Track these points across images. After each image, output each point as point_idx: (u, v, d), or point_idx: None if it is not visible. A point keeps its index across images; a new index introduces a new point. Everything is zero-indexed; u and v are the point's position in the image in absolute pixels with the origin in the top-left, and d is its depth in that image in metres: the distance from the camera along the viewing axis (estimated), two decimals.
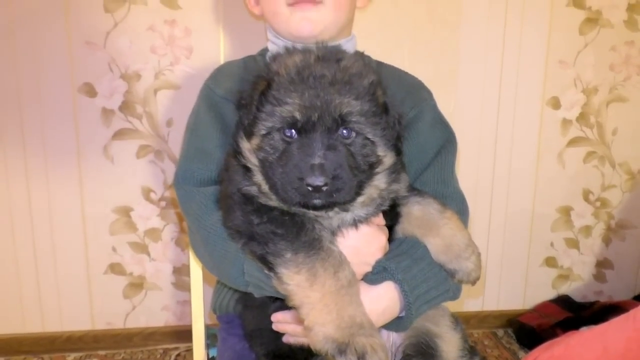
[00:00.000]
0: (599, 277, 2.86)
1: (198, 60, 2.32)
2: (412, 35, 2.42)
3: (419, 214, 1.22)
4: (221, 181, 1.25)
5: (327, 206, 1.09)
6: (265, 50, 1.49)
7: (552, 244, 2.78)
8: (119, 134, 2.33)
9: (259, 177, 1.12)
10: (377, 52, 2.31)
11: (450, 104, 2.49)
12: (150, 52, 2.28)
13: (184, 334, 2.53)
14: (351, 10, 1.43)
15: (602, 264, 2.85)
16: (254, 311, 1.28)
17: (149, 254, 2.47)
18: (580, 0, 2.50)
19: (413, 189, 1.24)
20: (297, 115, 1.03)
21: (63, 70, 2.25)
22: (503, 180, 2.64)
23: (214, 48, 2.32)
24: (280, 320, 1.21)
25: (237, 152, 1.14)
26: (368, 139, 1.08)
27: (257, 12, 1.49)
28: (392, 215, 1.22)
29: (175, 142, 2.38)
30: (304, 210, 1.09)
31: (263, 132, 1.08)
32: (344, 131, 1.06)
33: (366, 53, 1.57)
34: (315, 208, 1.08)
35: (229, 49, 2.33)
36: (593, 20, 2.53)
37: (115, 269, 2.46)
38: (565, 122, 2.63)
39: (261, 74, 1.13)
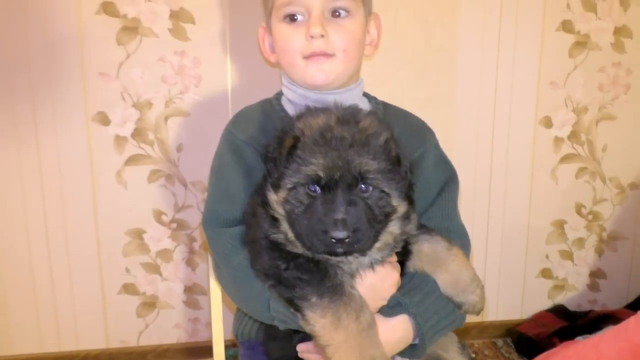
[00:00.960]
0: (592, 286, 2.97)
1: (206, 88, 2.42)
2: (411, 60, 2.53)
3: (428, 252, 1.33)
4: (247, 225, 1.35)
5: (348, 253, 1.20)
6: (280, 94, 1.60)
7: (547, 256, 2.89)
8: (131, 160, 2.43)
9: (285, 227, 1.23)
10: (378, 76, 2.45)
11: (447, 125, 2.61)
12: (161, 82, 2.38)
13: (196, 350, 2.63)
14: (359, 59, 1.54)
15: (596, 274, 2.96)
16: (279, 341, 1.38)
17: (161, 274, 2.56)
18: (569, 25, 2.61)
19: (421, 227, 1.36)
20: (321, 174, 1.15)
21: (78, 100, 2.34)
22: (499, 196, 2.75)
23: (222, 77, 2.42)
24: (305, 351, 1.31)
25: (265, 203, 1.25)
26: (384, 191, 1.19)
27: (272, 60, 1.60)
28: (403, 252, 1.33)
29: (185, 167, 2.48)
30: (327, 256, 1.21)
31: (289, 186, 1.19)
32: (362, 186, 1.17)
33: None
34: (337, 255, 1.20)
35: (235, 77, 2.43)
36: (582, 44, 2.65)
37: (129, 289, 2.55)
38: (557, 140, 2.74)
39: (286, 129, 1.24)
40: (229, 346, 1.84)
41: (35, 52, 2.28)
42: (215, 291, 1.74)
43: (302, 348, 1.32)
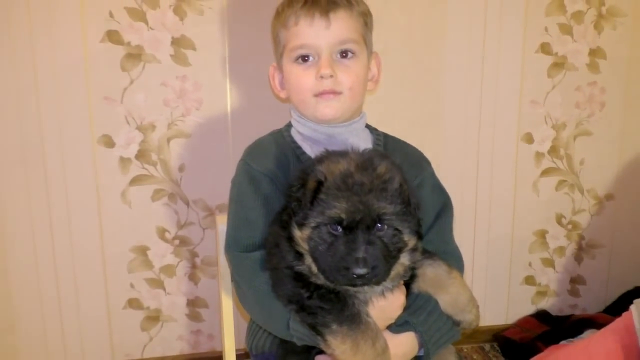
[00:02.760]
0: (573, 292, 3.13)
1: (207, 111, 2.53)
2: (400, 82, 2.67)
3: (431, 275, 1.48)
4: (269, 253, 1.48)
5: (366, 284, 1.34)
6: (290, 126, 1.73)
7: (530, 264, 3.04)
8: (135, 180, 2.53)
9: (309, 260, 1.35)
10: (371, 98, 2.58)
11: (435, 142, 2.75)
12: (163, 105, 2.49)
13: None
14: (363, 95, 1.68)
15: (576, 280, 3.12)
16: (297, 355, 1.50)
17: (164, 289, 2.66)
18: (548, 47, 2.79)
19: (424, 252, 1.49)
20: (343, 216, 1.27)
21: (83, 123, 2.44)
22: (485, 208, 2.91)
23: (221, 100, 2.54)
24: None
25: (289, 238, 1.37)
26: (397, 229, 1.32)
27: (282, 96, 1.73)
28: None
29: (187, 186, 2.58)
30: (346, 287, 1.34)
31: (313, 225, 1.31)
32: (379, 225, 1.30)
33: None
34: (356, 286, 1.34)
35: (234, 100, 2.55)
36: (559, 65, 2.82)
37: (133, 304, 2.64)
38: (538, 155, 2.91)
39: (307, 171, 1.36)
40: (239, 355, 1.93)
41: (43, 79, 2.36)
42: (227, 306, 1.83)
43: (319, 359, 1.45)
